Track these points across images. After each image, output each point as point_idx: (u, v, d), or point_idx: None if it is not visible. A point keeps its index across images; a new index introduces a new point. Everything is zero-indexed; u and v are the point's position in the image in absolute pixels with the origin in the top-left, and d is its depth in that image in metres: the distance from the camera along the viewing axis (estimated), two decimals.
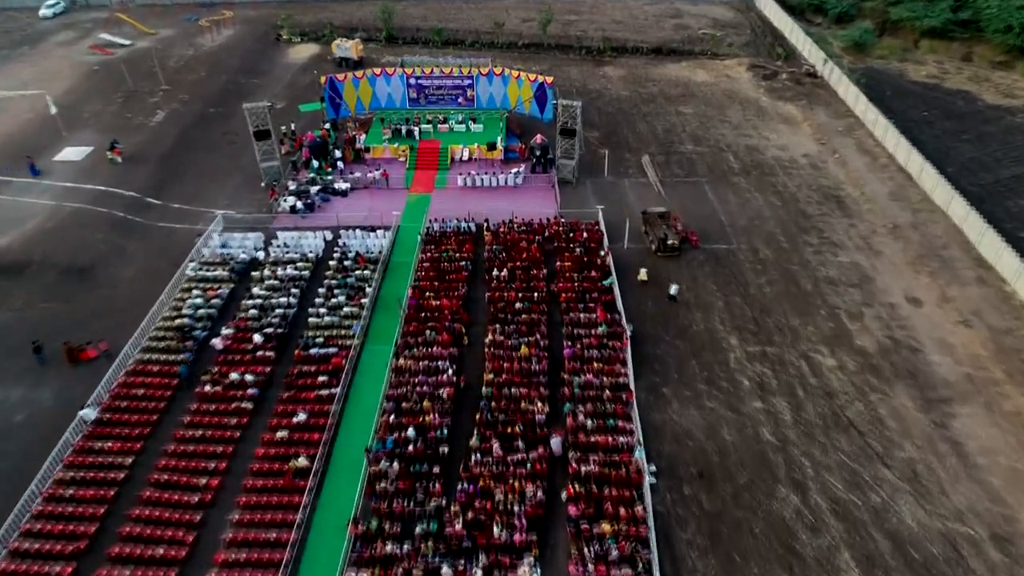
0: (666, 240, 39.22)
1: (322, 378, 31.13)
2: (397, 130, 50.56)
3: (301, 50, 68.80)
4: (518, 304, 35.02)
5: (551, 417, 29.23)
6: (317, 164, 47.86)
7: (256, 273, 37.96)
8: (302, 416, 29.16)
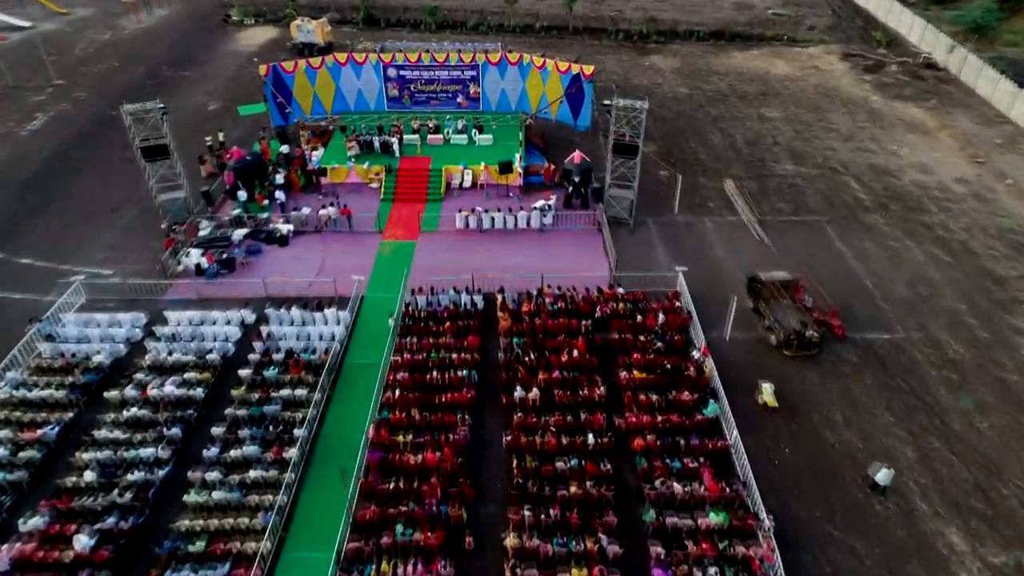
0: (803, 332, 23.76)
1: None
2: (367, 143, 34.98)
3: (254, 34, 53.53)
4: (560, 462, 19.68)
5: None
6: (246, 195, 32.36)
7: (114, 392, 22.44)
8: None
